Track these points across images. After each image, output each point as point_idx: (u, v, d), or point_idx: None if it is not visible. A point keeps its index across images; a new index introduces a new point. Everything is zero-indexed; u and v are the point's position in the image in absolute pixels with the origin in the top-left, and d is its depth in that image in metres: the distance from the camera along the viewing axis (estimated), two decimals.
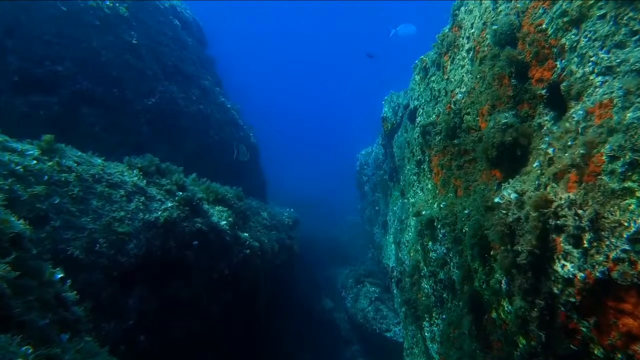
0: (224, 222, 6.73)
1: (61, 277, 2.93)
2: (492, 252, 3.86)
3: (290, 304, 10.56)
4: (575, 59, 2.89)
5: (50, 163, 4.71)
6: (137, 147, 9.63)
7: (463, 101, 5.03)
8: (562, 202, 2.83)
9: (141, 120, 9.53)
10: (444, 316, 5.84)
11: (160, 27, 10.66)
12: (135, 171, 5.97)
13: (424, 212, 6.29)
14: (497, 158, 3.75)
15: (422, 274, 6.59)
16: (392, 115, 9.80)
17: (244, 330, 8.04)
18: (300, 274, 12.52)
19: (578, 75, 2.84)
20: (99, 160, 5.65)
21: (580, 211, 2.67)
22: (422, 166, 7.05)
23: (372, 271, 12.01)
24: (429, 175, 6.75)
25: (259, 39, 59.30)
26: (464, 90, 5.07)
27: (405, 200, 8.06)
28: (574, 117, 2.81)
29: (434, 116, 6.23)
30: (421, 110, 7.03)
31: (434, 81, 6.36)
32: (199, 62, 12.41)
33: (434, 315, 6.16)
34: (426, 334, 6.41)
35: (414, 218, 6.94)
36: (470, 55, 4.91)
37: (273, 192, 21.20)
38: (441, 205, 5.78)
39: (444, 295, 5.78)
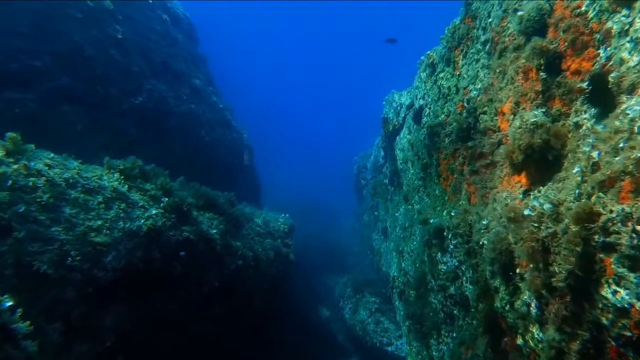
0: (215, 231, 6.24)
1: (10, 306, 2.43)
2: (517, 270, 3.41)
3: (286, 313, 10.06)
4: (627, 45, 2.46)
5: (15, 166, 4.21)
6: (123, 148, 9.11)
7: (478, 99, 4.59)
8: (613, 215, 2.39)
9: (127, 119, 9.01)
10: (454, 334, 5.39)
11: (148, 22, 10.17)
12: (115, 175, 5.47)
13: (431, 221, 5.85)
14: (524, 162, 3.31)
15: (429, 287, 6.14)
16: (394, 115, 9.37)
17: (237, 343, 7.53)
18: (296, 281, 12.02)
19: (632, 63, 2.41)
20: (75, 163, 5.15)
21: (639, 227, 2.23)
22: (428, 170, 6.61)
23: (371, 280, 11.54)
24: (436, 180, 6.31)
25: (254, 38, 58.93)
26: (479, 86, 4.64)
27: (409, 207, 7.62)
28: (627, 114, 2.38)
29: (443, 116, 5.80)
30: (428, 110, 6.60)
31: (442, 78, 5.94)
32: (189, 59, 11.93)
33: (442, 332, 5.71)
34: (434, 352, 5.96)
35: (419, 226, 6.50)
36: (487, 47, 4.48)
37: (267, 194, 20.75)
38: (452, 214, 5.34)
39: (455, 311, 5.33)
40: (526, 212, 3.06)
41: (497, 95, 4.13)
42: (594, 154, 2.61)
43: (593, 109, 2.83)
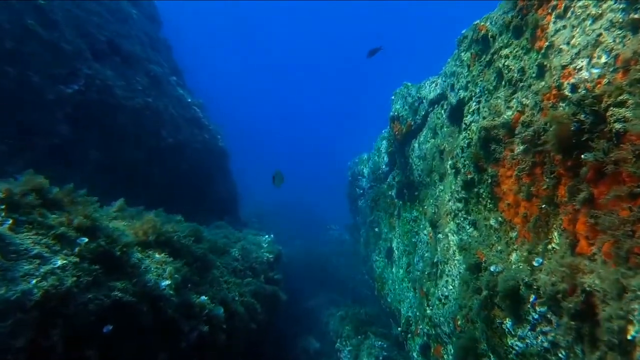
0: (167, 283, 4.24)
1: None
2: None
3: None
4: None
5: None
6: (52, 153, 7.01)
7: (604, 82, 2.80)
8: None
9: (56, 114, 6.89)
10: None
11: None
12: None
13: (492, 269, 4.03)
14: None
15: None
16: (409, 113, 7.57)
17: None
18: (282, 320, 10.05)
19: None
20: None
21: None
22: (475, 189, 4.81)
23: (374, 315, 9.71)
24: (490, 205, 4.52)
25: (238, 37, 56.70)
26: (603, 61, 2.84)
27: (440, 236, 5.81)
28: None
29: (510, 113, 4.00)
30: (476, 105, 4.80)
31: (507, 56, 4.14)
32: (148, 42, 9.83)
33: None
34: None
35: (466, 271, 4.67)
36: None
37: (248, 200, 18.93)
38: (534, 264, 3.54)
39: None
40: None
41: None
42: None
43: None
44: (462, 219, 5.17)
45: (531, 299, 3.53)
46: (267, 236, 8.93)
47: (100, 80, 7.50)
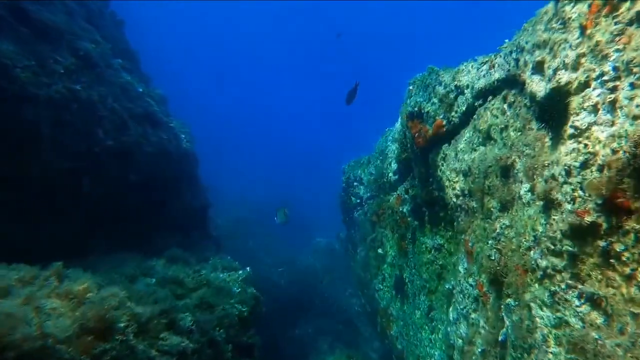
0: None
1: None
2: None
3: None
4: None
5: None
6: None
7: None
8: None
9: None
10: None
11: None
12: None
13: None
14: None
15: None
16: (439, 108, 5.50)
17: None
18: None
19: None
20: None
21: None
22: (598, 243, 2.81)
23: None
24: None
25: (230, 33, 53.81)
26: None
27: (512, 302, 3.74)
28: None
29: None
30: (599, 95, 2.74)
31: None
32: (81, 13, 7.43)
33: None
34: None
35: None
36: None
37: (223, 205, 16.79)
38: None
39: None
40: None
41: None
42: None
43: None
44: (563, 286, 3.13)
45: None
46: (240, 271, 6.75)
47: None
